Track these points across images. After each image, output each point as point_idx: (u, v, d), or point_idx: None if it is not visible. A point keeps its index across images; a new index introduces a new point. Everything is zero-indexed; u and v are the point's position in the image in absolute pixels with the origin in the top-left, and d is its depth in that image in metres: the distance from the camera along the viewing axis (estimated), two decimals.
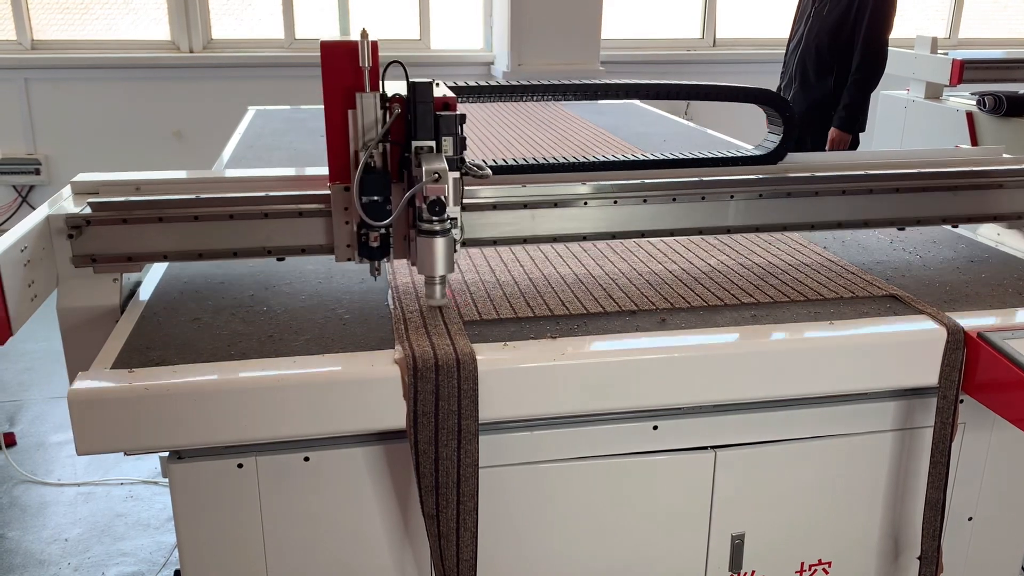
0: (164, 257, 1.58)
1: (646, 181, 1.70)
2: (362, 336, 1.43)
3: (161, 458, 1.40)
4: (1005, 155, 2.01)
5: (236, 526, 1.40)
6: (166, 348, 1.38)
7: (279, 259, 1.61)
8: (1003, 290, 1.69)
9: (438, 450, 1.33)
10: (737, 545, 1.59)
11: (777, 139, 1.82)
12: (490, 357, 1.35)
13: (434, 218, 1.39)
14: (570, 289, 1.64)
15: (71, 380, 1.29)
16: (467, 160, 1.47)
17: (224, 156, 2.75)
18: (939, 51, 4.27)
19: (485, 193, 1.61)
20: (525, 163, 1.71)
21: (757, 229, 1.76)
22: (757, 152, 1.84)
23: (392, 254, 1.52)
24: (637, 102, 3.84)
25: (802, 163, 1.83)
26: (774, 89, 4.51)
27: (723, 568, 1.60)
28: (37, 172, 6.05)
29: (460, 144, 1.45)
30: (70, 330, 1.56)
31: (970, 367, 1.47)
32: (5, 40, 6.05)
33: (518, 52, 5.88)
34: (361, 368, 1.33)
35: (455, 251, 1.46)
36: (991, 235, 2.12)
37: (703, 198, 1.69)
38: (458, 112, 1.45)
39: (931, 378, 1.49)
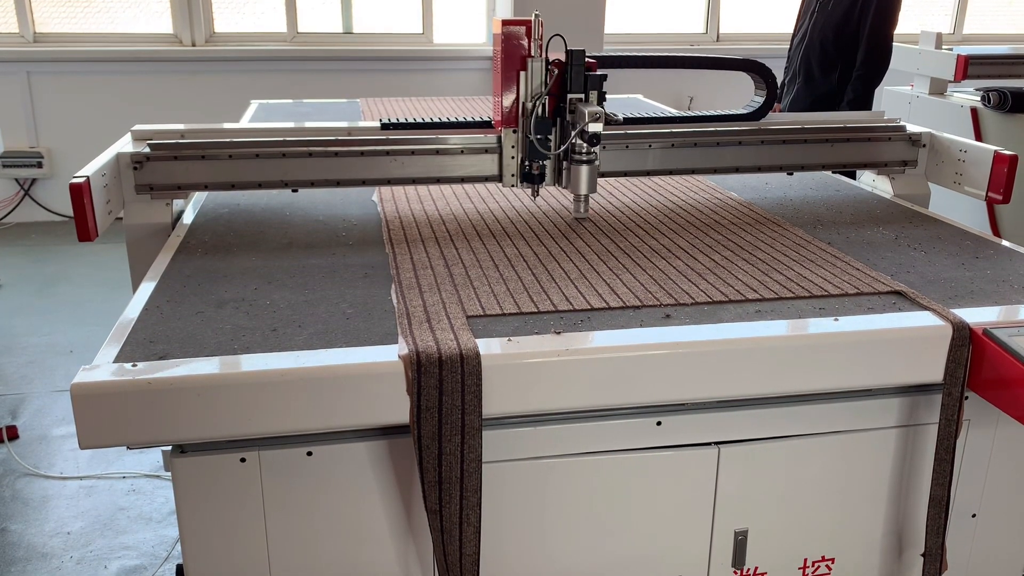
0: (205, 187, 2.00)
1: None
2: (365, 331, 1.43)
3: (164, 452, 1.40)
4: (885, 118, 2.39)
5: (239, 520, 1.40)
6: (169, 342, 1.38)
7: (293, 191, 2.04)
8: (1008, 286, 1.68)
9: (441, 445, 1.33)
10: (740, 541, 1.59)
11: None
12: (494, 352, 1.35)
13: (592, 149, 1.86)
14: (574, 284, 1.63)
15: (134, 287, 1.44)
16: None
17: None
18: (943, 47, 4.24)
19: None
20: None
21: (671, 172, 2.19)
22: (676, 114, 2.31)
23: (547, 180, 1.96)
24: (640, 96, 3.84)
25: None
26: (778, 85, 4.51)
27: (726, 564, 1.60)
28: (39, 165, 6.04)
29: (601, 97, 1.87)
30: (133, 242, 1.98)
31: (975, 363, 1.47)
32: (7, 33, 6.04)
33: None
34: (364, 363, 1.32)
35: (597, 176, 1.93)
36: (867, 181, 2.46)
37: (627, 147, 2.13)
38: (600, 72, 1.86)
39: (936, 374, 1.49)
